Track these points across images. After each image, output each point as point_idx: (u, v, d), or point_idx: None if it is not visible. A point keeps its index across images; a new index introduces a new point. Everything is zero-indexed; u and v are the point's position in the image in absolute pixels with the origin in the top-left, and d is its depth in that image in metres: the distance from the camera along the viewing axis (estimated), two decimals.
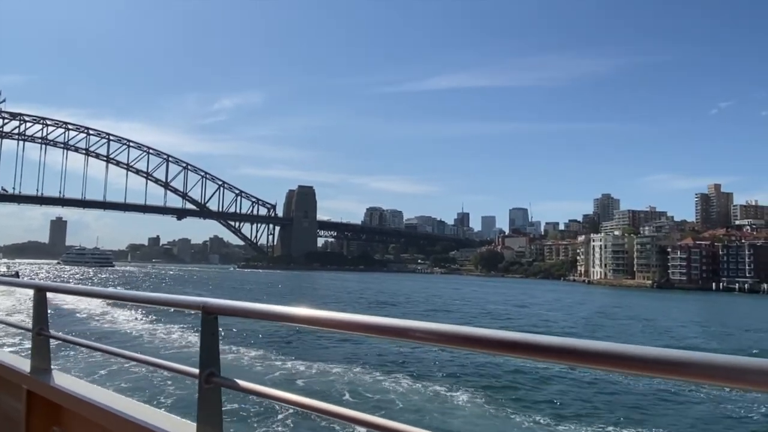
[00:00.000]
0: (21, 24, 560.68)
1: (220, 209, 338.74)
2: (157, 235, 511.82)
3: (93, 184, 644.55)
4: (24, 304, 41.88)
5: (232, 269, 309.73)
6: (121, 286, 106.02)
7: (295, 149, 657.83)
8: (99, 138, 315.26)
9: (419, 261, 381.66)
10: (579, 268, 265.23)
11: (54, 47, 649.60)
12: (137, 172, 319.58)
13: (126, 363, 19.46)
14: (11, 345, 24.55)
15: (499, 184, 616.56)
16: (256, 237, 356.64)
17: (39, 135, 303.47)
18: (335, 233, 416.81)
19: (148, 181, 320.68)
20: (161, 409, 3.67)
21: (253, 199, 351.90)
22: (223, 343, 32.43)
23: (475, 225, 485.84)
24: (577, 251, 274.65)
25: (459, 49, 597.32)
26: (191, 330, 34.95)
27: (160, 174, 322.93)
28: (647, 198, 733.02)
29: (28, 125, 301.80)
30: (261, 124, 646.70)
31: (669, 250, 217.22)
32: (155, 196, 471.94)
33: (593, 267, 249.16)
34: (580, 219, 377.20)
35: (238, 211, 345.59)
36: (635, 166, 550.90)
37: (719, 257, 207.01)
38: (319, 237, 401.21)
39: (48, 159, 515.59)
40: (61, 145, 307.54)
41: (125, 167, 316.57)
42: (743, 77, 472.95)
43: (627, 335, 51.14)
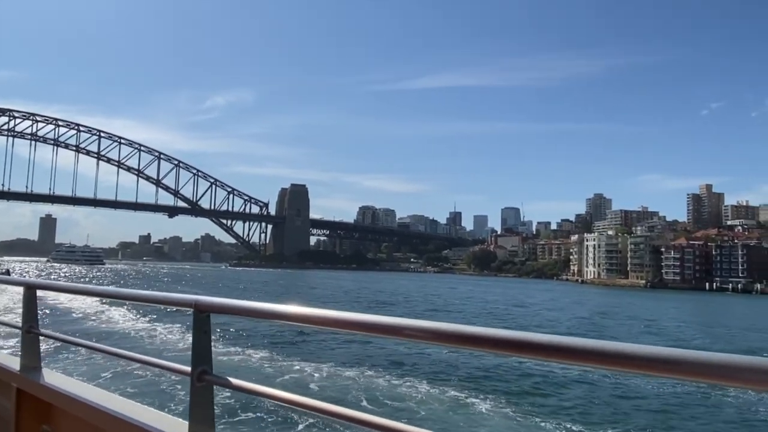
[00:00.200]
0: (10, 19, 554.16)
1: (212, 207, 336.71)
2: (148, 233, 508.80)
3: (83, 181, 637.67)
4: (18, 303, 40.65)
5: (223, 267, 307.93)
6: (115, 284, 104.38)
7: (288, 147, 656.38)
8: (90, 135, 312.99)
9: (412, 260, 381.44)
10: (572, 267, 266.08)
11: (44, 43, 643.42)
12: (128, 169, 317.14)
13: (118, 361, 19.07)
14: (0, 343, 23.60)
15: (491, 183, 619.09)
16: (248, 235, 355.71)
17: (29, 131, 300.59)
18: (328, 232, 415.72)
19: (139, 179, 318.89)
20: (153, 408, 3.64)
21: (246, 197, 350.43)
22: (216, 341, 31.49)
23: (468, 224, 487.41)
24: (570, 251, 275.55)
25: (451, 49, 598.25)
26: (184, 328, 34.59)
27: (151, 171, 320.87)
28: (639, 198, 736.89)
29: (17, 121, 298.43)
30: (253, 121, 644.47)
31: (662, 250, 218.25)
32: (146, 193, 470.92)
33: (587, 267, 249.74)
34: (571, 219, 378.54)
35: (230, 209, 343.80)
36: (626, 166, 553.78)
37: (712, 257, 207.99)
38: (312, 235, 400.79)
39: (38, 155, 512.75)
40: (51, 142, 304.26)
41: (116, 164, 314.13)
42: (734, 78, 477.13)
43: (633, 336, 50.56)
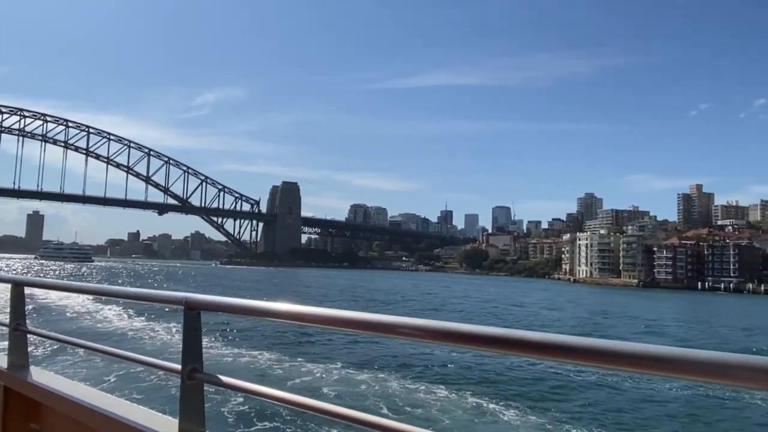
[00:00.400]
0: None
1: (202, 205, 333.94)
2: (137, 230, 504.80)
3: (72, 177, 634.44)
4: (6, 301, 39.58)
5: (213, 265, 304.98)
6: (105, 282, 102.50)
7: (279, 145, 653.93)
8: (78, 131, 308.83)
9: (404, 258, 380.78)
10: (564, 266, 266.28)
11: (33, 39, 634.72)
12: (117, 165, 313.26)
13: (107, 359, 18.65)
14: None
15: (483, 182, 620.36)
16: (239, 233, 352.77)
17: (16, 127, 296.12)
18: (319, 230, 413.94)
19: (128, 175, 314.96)
20: (143, 406, 3.61)
21: (237, 195, 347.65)
22: (206, 339, 31.28)
23: (459, 223, 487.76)
24: (562, 250, 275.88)
25: (444, 48, 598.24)
26: (174, 326, 34.07)
27: (141, 168, 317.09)
28: (629, 197, 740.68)
29: (4, 116, 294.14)
30: (244, 119, 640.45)
31: (655, 249, 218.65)
32: (136, 190, 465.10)
33: (579, 266, 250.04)
34: (562, 218, 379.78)
35: (221, 207, 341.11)
36: (617, 166, 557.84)
37: (704, 257, 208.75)
38: (303, 233, 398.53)
39: (25, 151, 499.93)
40: (39, 138, 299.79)
41: (105, 161, 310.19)
42: (723, 79, 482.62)
43: (637, 336, 49.89)
